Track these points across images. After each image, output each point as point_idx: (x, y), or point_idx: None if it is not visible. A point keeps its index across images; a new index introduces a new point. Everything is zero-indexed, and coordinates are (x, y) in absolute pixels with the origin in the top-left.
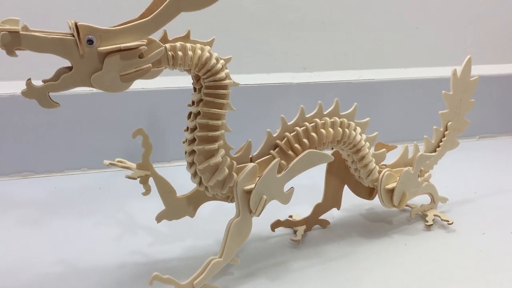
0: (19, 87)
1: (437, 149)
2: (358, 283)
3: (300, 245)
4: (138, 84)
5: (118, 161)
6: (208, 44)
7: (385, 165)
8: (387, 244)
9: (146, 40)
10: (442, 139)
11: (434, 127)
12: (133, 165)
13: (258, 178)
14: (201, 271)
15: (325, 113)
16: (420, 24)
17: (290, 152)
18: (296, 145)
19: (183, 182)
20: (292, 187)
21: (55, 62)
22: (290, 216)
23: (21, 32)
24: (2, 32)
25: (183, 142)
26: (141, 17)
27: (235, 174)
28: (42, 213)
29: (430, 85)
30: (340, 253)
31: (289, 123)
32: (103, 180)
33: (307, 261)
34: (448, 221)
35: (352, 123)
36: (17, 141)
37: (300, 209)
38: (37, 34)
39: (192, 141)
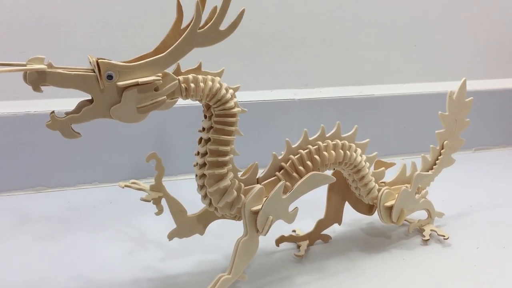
0: (33, 106)
1: (434, 166)
2: None
3: (303, 260)
4: None
5: (132, 183)
6: (218, 75)
7: (384, 182)
8: (386, 259)
9: (161, 74)
10: (439, 157)
11: (431, 146)
12: (147, 187)
13: (265, 199)
14: None
15: (327, 135)
16: (418, 42)
17: (294, 174)
18: (300, 167)
19: (189, 195)
20: (296, 207)
21: None
22: (294, 231)
23: (47, 70)
24: (29, 71)
25: (194, 166)
26: (156, 50)
27: (243, 196)
28: (56, 227)
29: (427, 99)
30: (341, 268)
31: (293, 146)
32: (114, 194)
33: (310, 276)
34: (444, 236)
35: (353, 145)
36: (32, 157)
37: (303, 223)
38: (60, 71)
39: (203, 165)
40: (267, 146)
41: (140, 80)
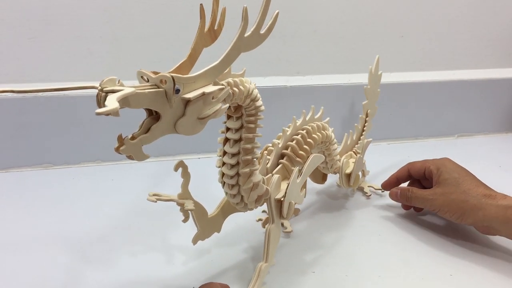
0: (41, 88)
1: (363, 132)
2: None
3: (293, 234)
4: None
5: (154, 195)
6: (241, 76)
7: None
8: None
9: (216, 82)
10: (365, 124)
11: (360, 115)
12: (174, 196)
13: (284, 186)
14: (256, 279)
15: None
16: (404, 33)
17: (298, 158)
18: (301, 152)
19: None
20: (304, 188)
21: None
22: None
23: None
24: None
25: (218, 167)
26: (189, 57)
27: (268, 188)
28: (60, 201)
29: (412, 88)
30: (312, 231)
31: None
32: (115, 172)
33: (303, 247)
34: (380, 189)
35: (326, 124)
36: (39, 136)
37: None
38: (137, 91)
39: (236, 165)
40: (261, 130)
41: (207, 91)
